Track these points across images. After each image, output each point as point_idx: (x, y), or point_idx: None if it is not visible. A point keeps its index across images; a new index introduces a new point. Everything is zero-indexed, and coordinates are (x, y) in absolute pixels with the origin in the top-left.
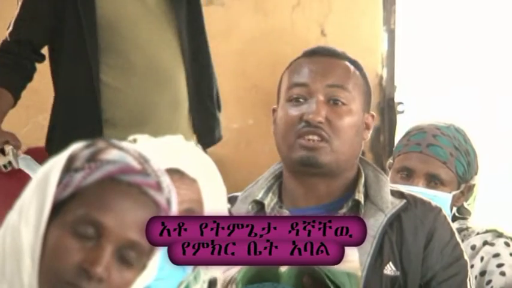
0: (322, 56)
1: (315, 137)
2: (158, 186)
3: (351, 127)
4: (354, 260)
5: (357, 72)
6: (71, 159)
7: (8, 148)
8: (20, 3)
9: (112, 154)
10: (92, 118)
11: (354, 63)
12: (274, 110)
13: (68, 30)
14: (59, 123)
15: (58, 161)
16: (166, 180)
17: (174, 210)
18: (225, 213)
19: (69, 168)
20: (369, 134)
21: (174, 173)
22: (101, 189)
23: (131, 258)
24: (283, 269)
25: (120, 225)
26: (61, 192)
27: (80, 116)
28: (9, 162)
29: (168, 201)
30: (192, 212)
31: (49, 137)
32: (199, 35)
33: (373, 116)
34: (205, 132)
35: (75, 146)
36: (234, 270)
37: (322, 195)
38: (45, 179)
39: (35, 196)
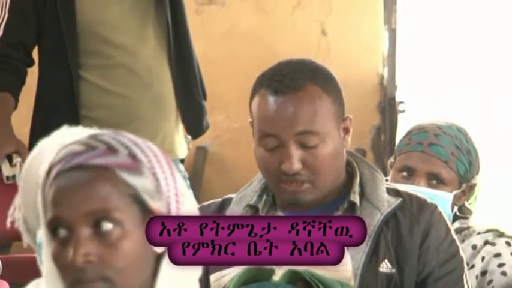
0: (285, 94)
1: (297, 183)
2: (109, 151)
3: (328, 159)
4: (347, 270)
5: (323, 94)
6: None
7: (17, 160)
8: (7, 7)
9: (58, 155)
10: (70, 116)
11: (320, 80)
12: (251, 124)
13: (47, 31)
14: (38, 121)
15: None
16: (120, 141)
17: (150, 160)
18: None
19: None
20: (349, 138)
21: None
22: (51, 192)
23: (107, 225)
24: (276, 278)
25: (74, 208)
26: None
27: (57, 114)
28: (13, 176)
29: (132, 155)
30: None
31: (31, 135)
32: (182, 29)
33: (350, 119)
34: (195, 123)
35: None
36: (226, 279)
37: (314, 202)
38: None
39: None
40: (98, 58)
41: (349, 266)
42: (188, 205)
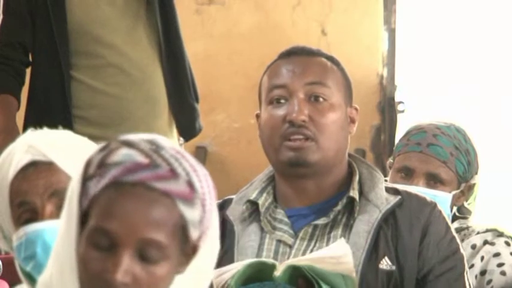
0: (298, 56)
1: (300, 137)
2: (171, 174)
3: (334, 122)
4: (348, 261)
5: (334, 67)
6: (87, 166)
7: None
8: (1, 9)
9: (119, 155)
10: (62, 116)
11: (331, 58)
12: (257, 116)
13: (39, 32)
14: (31, 121)
15: (78, 170)
16: (182, 164)
17: (204, 191)
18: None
19: (85, 176)
20: (354, 128)
21: (29, 168)
22: (106, 197)
23: (153, 255)
24: (278, 273)
25: (129, 229)
26: (84, 202)
27: (50, 114)
28: None
29: (190, 183)
30: (59, 193)
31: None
32: (173, 29)
33: (356, 109)
34: (187, 125)
35: (92, 151)
36: (227, 275)
37: (314, 195)
38: (71, 190)
39: (65, 208)
40: (89, 58)
41: (349, 257)
42: (209, 241)
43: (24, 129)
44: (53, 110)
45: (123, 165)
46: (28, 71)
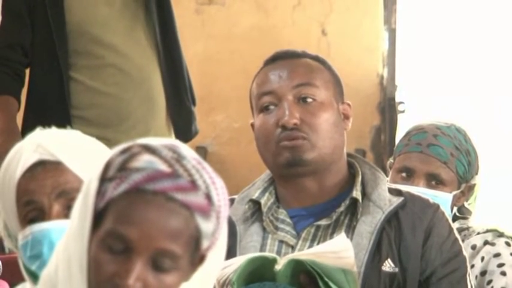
0: (282, 60)
1: (296, 139)
2: (192, 186)
3: (326, 121)
4: (349, 256)
5: (321, 66)
6: (107, 167)
7: None
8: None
9: (141, 161)
10: (61, 117)
11: (316, 58)
12: (252, 125)
13: (37, 32)
14: (30, 122)
15: (97, 169)
16: (203, 176)
17: (220, 203)
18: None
19: (104, 176)
20: (349, 124)
21: (37, 167)
22: (126, 202)
23: (166, 264)
24: (279, 267)
25: (146, 237)
26: (99, 202)
27: (49, 114)
28: None
29: (208, 196)
30: (67, 193)
31: (22, 136)
32: (170, 32)
33: (349, 105)
34: (183, 128)
35: (113, 152)
36: (228, 270)
37: (315, 196)
38: (87, 189)
39: (79, 206)
40: (88, 58)
41: (350, 252)
42: (216, 250)
43: (23, 129)
44: (52, 110)
45: (145, 172)
46: (27, 71)
